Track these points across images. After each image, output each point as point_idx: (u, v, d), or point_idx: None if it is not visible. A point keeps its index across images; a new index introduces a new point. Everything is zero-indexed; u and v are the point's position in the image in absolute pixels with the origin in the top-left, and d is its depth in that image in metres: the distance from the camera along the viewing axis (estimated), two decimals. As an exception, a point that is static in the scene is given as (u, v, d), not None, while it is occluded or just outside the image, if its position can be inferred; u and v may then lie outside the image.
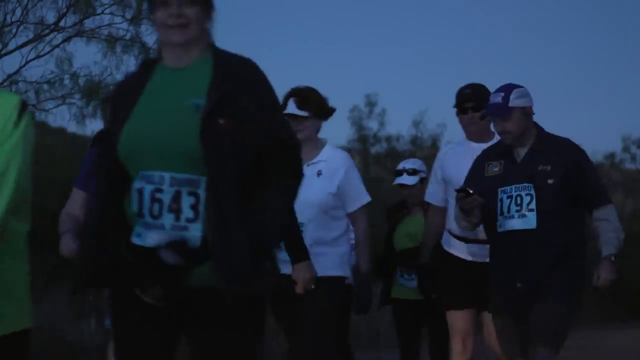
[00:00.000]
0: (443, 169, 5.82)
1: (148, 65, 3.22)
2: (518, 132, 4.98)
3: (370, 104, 26.91)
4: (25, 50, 15.61)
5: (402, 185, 6.78)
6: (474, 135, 5.78)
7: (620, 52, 51.45)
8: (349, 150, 17.60)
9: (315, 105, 5.22)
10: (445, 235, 5.83)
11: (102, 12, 16.14)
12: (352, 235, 5.90)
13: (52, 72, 16.05)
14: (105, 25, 16.19)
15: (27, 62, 15.63)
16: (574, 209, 5.00)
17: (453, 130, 30.16)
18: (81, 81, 16.24)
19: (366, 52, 50.80)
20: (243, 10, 49.62)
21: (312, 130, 5.24)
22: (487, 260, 5.33)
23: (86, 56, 42.57)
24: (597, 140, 55.84)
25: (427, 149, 25.50)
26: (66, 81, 16.27)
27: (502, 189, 5.00)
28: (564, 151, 5.02)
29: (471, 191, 4.89)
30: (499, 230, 5.00)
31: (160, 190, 3.03)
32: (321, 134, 5.41)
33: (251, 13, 51.69)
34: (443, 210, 5.83)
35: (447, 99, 4.17)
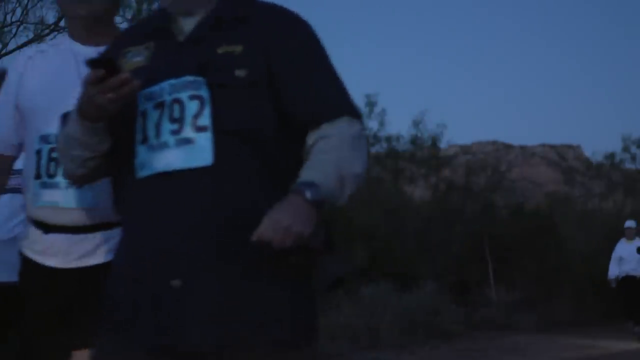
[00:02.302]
0: (20, 86, 3.04)
1: None
2: None
3: (370, 104, 26.96)
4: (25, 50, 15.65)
5: None
6: (82, 25, 3.04)
7: (620, 52, 51.53)
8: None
9: None
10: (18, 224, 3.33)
11: (102, 12, 16.20)
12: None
13: (52, 71, 16.08)
14: (105, 25, 16.23)
15: (27, 62, 15.65)
16: (295, 139, 2.51)
17: (453, 130, 30.33)
18: (81, 81, 16.30)
19: (366, 52, 50.87)
20: (243, 10, 49.67)
21: None
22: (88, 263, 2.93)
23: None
24: (597, 140, 55.94)
25: (427, 149, 25.64)
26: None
27: (147, 92, 2.45)
28: (271, 21, 2.52)
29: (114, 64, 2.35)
30: (138, 175, 2.42)
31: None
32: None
33: (251, 13, 51.83)
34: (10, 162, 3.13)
35: (447, 99, 4.10)
